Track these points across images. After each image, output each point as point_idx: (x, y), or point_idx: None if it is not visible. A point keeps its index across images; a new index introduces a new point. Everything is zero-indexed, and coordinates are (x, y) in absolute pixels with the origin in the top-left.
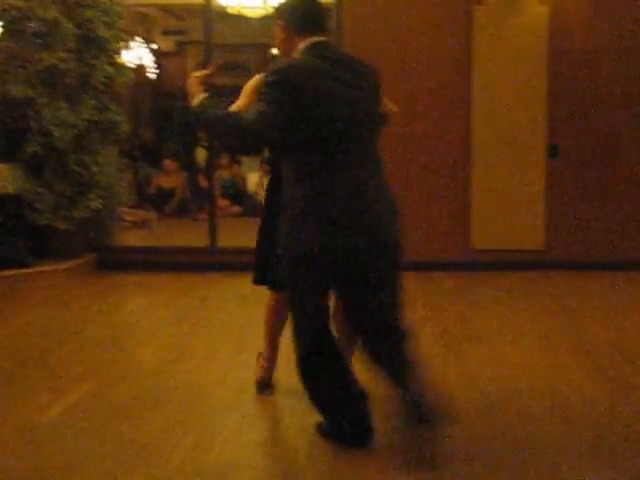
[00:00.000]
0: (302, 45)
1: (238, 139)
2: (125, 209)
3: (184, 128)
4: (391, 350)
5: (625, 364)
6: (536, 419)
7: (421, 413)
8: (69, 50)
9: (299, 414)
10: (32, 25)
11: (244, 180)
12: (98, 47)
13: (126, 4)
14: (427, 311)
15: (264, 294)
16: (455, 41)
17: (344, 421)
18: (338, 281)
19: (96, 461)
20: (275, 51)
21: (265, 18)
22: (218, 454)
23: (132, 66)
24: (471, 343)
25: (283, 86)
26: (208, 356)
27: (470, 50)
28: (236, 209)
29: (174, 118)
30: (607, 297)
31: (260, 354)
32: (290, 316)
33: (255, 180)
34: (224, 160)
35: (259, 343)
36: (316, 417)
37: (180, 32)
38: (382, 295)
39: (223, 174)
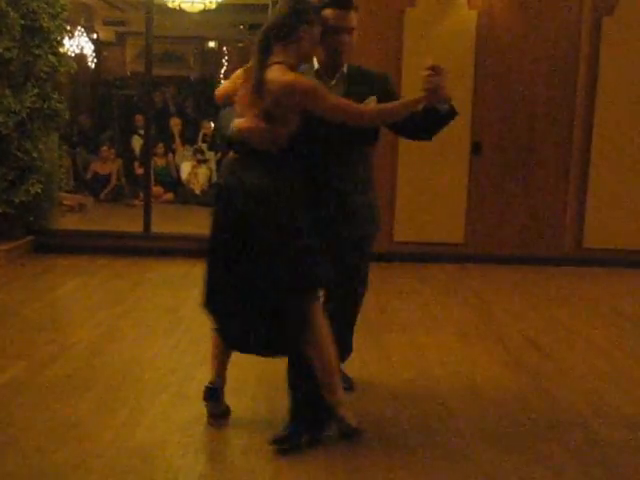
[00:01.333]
0: None
1: None
2: (62, 193)
3: None
4: None
5: (536, 354)
6: (451, 407)
7: None
8: (14, 40)
9: (226, 394)
10: None
11: (177, 169)
12: (42, 37)
13: None
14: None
15: (193, 280)
16: (385, 41)
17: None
18: None
19: (30, 437)
20: (212, 44)
21: (203, 13)
22: (147, 432)
23: (72, 55)
24: (391, 333)
25: None
26: (139, 338)
27: (400, 50)
28: (169, 196)
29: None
30: (521, 290)
31: None
32: None
33: (188, 169)
34: (159, 149)
35: (188, 326)
36: (241, 400)
37: (120, 23)
38: None
39: (157, 162)
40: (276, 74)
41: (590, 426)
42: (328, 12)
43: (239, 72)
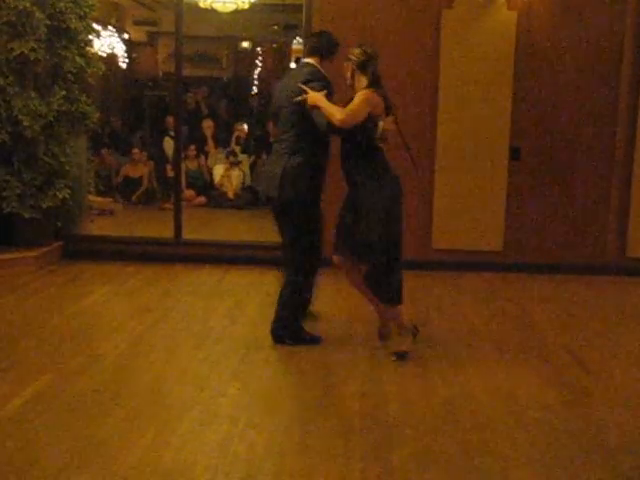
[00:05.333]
0: None
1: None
2: (92, 197)
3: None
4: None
5: (580, 370)
6: (491, 424)
7: None
8: (40, 40)
9: (258, 412)
10: (4, 14)
11: (210, 172)
12: (69, 38)
13: None
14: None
15: (225, 289)
16: (423, 43)
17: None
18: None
19: (54, 457)
20: (245, 44)
21: (237, 13)
22: (174, 453)
23: (103, 55)
24: (428, 345)
25: None
26: (168, 350)
27: (438, 52)
28: (201, 199)
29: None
30: (563, 301)
31: None
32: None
33: (220, 172)
34: (190, 151)
35: (218, 338)
36: (274, 421)
37: (151, 23)
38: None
39: (189, 165)
40: None
41: (638, 451)
42: None
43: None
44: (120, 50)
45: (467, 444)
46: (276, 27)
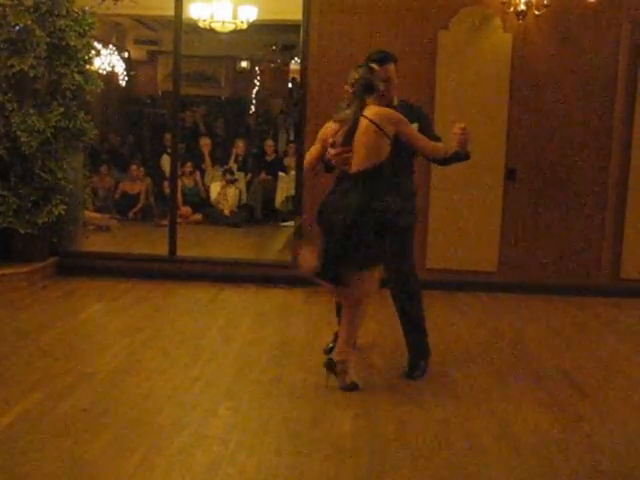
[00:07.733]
0: None
1: None
2: (88, 212)
3: None
4: None
5: (575, 393)
6: (486, 449)
7: None
8: (40, 57)
9: (249, 434)
10: (4, 31)
11: (207, 189)
12: (68, 55)
13: (99, 13)
14: (381, 329)
15: (219, 306)
16: (419, 64)
17: None
18: None
19: (41, 477)
20: (243, 64)
21: (234, 32)
22: (164, 474)
23: (103, 73)
24: None
25: None
26: (160, 369)
27: (433, 73)
28: (197, 217)
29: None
30: (558, 322)
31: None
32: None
33: (217, 190)
34: (186, 168)
35: (211, 357)
36: (270, 437)
37: (152, 42)
38: None
39: (185, 182)
40: (377, 109)
41: (635, 477)
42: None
43: (329, 124)
44: (120, 68)
45: (462, 469)
46: (274, 47)
